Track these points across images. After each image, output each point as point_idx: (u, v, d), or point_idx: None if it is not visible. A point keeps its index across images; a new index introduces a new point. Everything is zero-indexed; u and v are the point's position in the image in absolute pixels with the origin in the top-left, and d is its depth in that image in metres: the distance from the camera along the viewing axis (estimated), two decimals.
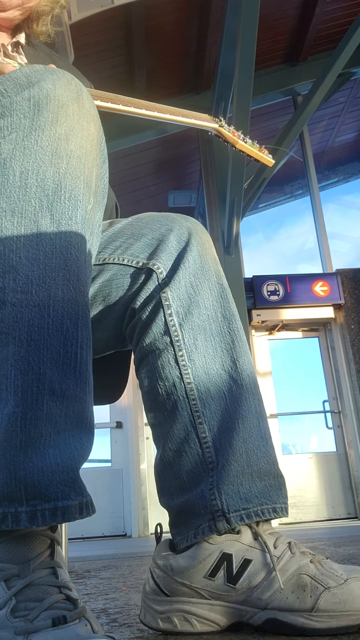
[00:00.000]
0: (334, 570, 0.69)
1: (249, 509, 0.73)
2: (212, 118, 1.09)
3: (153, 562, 0.78)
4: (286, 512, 0.76)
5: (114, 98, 0.96)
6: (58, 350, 0.60)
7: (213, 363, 0.79)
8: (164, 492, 0.80)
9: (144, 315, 0.82)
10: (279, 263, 6.68)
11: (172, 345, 0.79)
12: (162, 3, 4.70)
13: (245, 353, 0.82)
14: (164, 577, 0.75)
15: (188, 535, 0.75)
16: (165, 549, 0.78)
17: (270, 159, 1.14)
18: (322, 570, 0.69)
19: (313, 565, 0.69)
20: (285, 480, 0.79)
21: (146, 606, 0.76)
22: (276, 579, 0.69)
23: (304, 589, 0.68)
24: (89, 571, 1.85)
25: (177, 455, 0.77)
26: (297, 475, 5.21)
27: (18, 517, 0.56)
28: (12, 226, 0.61)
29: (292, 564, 0.70)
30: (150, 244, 0.85)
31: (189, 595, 0.73)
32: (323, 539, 2.71)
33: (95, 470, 5.33)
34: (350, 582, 0.67)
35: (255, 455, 0.76)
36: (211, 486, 0.74)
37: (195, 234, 0.86)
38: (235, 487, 0.74)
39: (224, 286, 0.85)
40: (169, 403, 0.79)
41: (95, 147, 0.69)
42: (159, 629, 0.73)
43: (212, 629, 0.72)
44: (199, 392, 0.78)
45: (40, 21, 0.99)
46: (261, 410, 0.80)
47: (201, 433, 0.76)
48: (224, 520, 0.72)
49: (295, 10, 5.46)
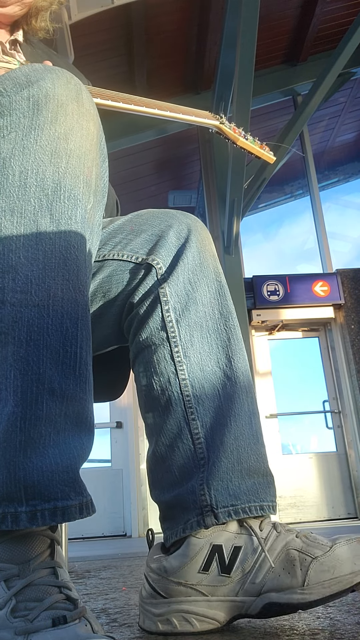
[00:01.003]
0: (318, 540, 0.71)
1: (237, 505, 0.74)
2: (212, 115, 1.09)
3: (147, 566, 0.79)
4: (274, 510, 0.77)
5: (114, 96, 0.96)
6: (57, 350, 0.60)
7: (208, 360, 0.80)
8: (155, 486, 0.81)
9: (141, 310, 0.82)
10: (279, 263, 6.67)
11: (168, 340, 0.80)
12: (162, 3, 4.70)
13: (241, 351, 0.82)
14: (159, 580, 0.75)
15: (177, 530, 0.76)
16: (157, 552, 0.79)
17: (272, 156, 1.14)
18: (307, 542, 0.70)
19: (299, 539, 0.71)
20: (274, 479, 0.80)
21: (144, 611, 0.76)
22: (266, 559, 0.70)
23: (293, 563, 0.69)
24: (89, 571, 1.85)
25: (170, 450, 0.78)
26: (297, 475, 5.21)
27: (18, 517, 0.56)
28: (12, 226, 0.61)
29: (279, 541, 0.71)
30: (150, 240, 0.85)
31: (185, 594, 0.73)
32: None
33: (95, 470, 5.33)
34: (336, 548, 0.69)
35: (246, 453, 0.76)
36: (201, 481, 0.75)
37: (195, 230, 0.86)
38: (224, 483, 0.74)
39: (222, 283, 0.85)
40: (163, 398, 0.80)
41: (94, 146, 0.69)
42: (158, 632, 0.73)
43: (211, 626, 0.72)
44: (193, 388, 0.78)
45: (39, 17, 0.99)
46: (254, 409, 0.81)
47: (194, 429, 0.77)
48: (212, 515, 0.73)
49: (295, 10, 5.46)
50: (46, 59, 1.01)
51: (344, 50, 4.22)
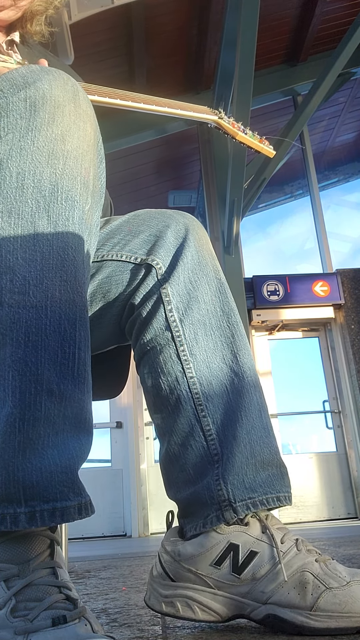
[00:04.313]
0: (337, 572, 0.69)
1: (254, 498, 0.74)
2: (211, 110, 1.09)
3: (162, 547, 0.79)
4: (289, 500, 0.77)
5: (111, 93, 0.96)
6: (56, 351, 0.60)
7: (214, 357, 0.80)
8: (170, 485, 0.81)
9: (144, 311, 0.83)
10: (279, 263, 6.68)
11: (174, 340, 0.80)
12: (162, 3, 4.70)
13: (245, 346, 0.83)
14: (171, 562, 0.76)
15: (197, 524, 0.76)
16: (174, 535, 0.79)
17: (271, 150, 1.13)
18: (325, 570, 0.69)
19: (317, 565, 0.70)
20: (287, 470, 0.80)
21: (152, 589, 0.77)
22: (281, 572, 0.70)
23: (305, 586, 0.68)
24: (89, 571, 1.85)
25: (183, 449, 0.79)
26: (297, 475, 5.21)
27: (17, 518, 0.56)
28: (9, 227, 0.61)
29: (297, 560, 0.71)
30: (148, 240, 0.85)
31: (194, 582, 0.74)
32: (323, 539, 2.71)
33: (95, 470, 5.33)
34: (353, 584, 0.68)
35: (259, 446, 0.77)
36: (217, 477, 0.75)
37: (192, 229, 0.87)
38: (240, 477, 0.75)
39: (222, 281, 0.86)
40: (172, 398, 0.80)
41: (92, 147, 0.69)
42: (161, 611, 0.74)
43: (212, 618, 0.72)
44: (201, 385, 0.79)
45: (35, 21, 1.00)
46: (262, 402, 0.81)
47: (205, 426, 0.77)
48: (230, 509, 0.73)
49: (295, 10, 5.46)
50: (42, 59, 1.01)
51: (344, 50, 4.22)
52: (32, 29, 1.00)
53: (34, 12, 0.98)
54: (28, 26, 1.00)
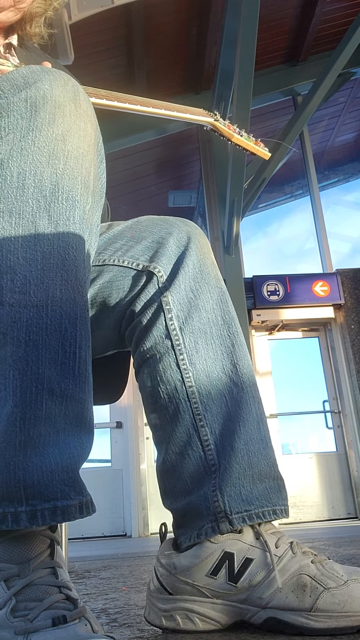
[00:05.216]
0: (334, 571, 0.69)
1: (251, 510, 0.74)
2: (207, 112, 1.10)
3: (157, 561, 0.79)
4: (286, 513, 0.77)
5: (109, 95, 0.96)
6: (57, 350, 0.60)
7: (214, 366, 0.80)
8: (167, 494, 0.81)
9: (144, 318, 0.82)
10: (279, 263, 6.68)
11: (173, 349, 0.80)
12: (162, 3, 4.70)
13: (245, 356, 0.82)
14: (168, 576, 0.75)
15: (192, 535, 0.75)
16: (168, 547, 0.79)
17: (267, 152, 1.14)
18: (322, 571, 0.69)
19: (314, 566, 0.70)
20: (284, 483, 0.80)
21: (150, 604, 0.77)
22: (275, 578, 0.69)
23: (303, 589, 0.68)
24: (89, 571, 1.85)
25: (180, 458, 0.78)
26: (297, 475, 5.21)
27: (18, 517, 0.56)
28: (10, 227, 0.61)
29: (293, 564, 0.70)
30: (150, 247, 0.85)
31: (191, 594, 0.73)
32: (323, 539, 2.72)
33: (95, 470, 5.33)
34: (350, 583, 0.67)
35: (256, 458, 0.76)
36: (214, 488, 0.75)
37: (194, 238, 0.86)
38: (237, 488, 0.74)
39: (223, 290, 0.85)
40: (170, 406, 0.79)
41: (92, 147, 0.69)
42: (162, 626, 0.74)
43: (213, 627, 0.72)
44: (200, 395, 0.78)
45: (34, 23, 0.99)
46: (261, 413, 0.81)
47: (203, 436, 0.77)
48: (226, 521, 0.73)
49: (295, 10, 5.46)
50: (40, 62, 1.01)
51: (344, 50, 4.22)
52: (31, 30, 1.00)
53: (33, 13, 0.98)
54: (27, 28, 1.00)
